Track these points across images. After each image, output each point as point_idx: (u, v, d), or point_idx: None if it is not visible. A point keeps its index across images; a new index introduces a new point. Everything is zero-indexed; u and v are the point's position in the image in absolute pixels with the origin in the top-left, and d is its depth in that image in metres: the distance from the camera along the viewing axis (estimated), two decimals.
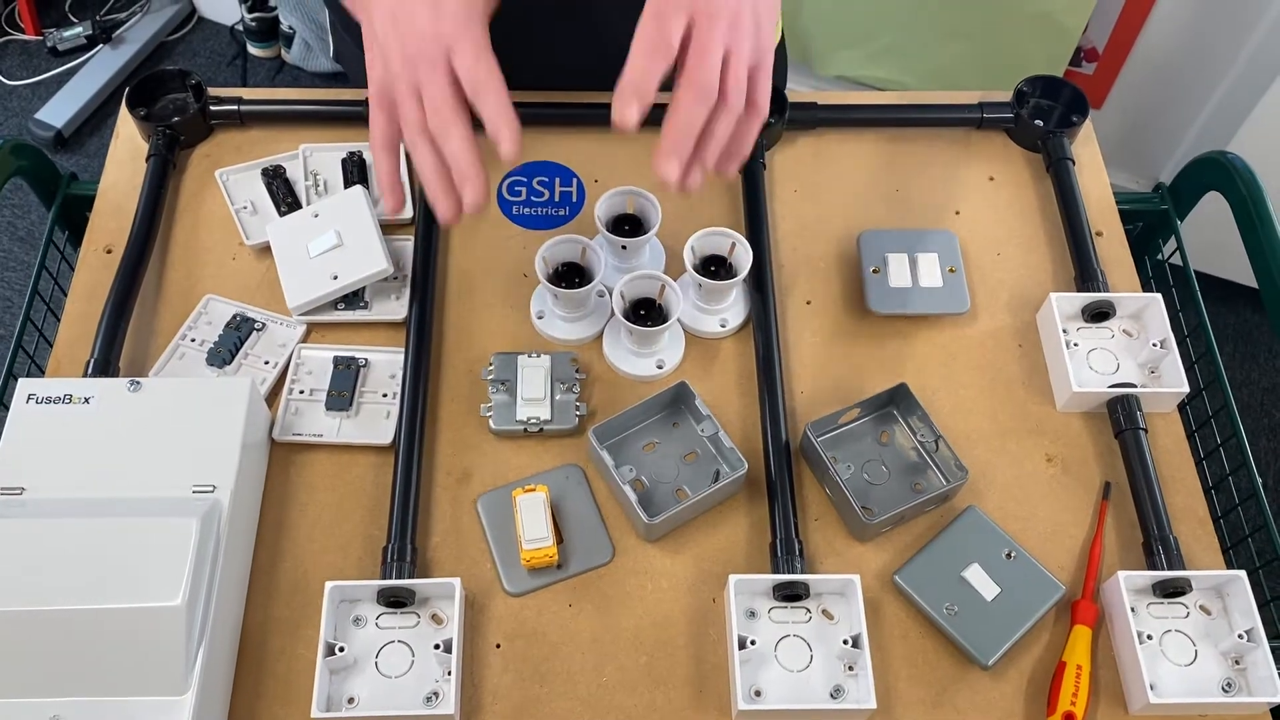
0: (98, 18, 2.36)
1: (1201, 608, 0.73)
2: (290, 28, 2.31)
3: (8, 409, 0.72)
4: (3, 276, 1.99)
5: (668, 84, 0.67)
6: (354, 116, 0.94)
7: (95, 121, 2.25)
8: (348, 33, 1.01)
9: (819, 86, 2.03)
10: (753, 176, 0.90)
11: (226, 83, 2.34)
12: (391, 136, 0.68)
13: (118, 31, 2.35)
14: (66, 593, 0.63)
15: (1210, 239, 1.13)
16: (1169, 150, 1.90)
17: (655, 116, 0.95)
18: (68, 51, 2.33)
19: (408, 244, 0.86)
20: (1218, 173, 0.93)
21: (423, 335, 0.81)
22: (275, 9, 2.30)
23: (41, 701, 0.63)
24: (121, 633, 0.63)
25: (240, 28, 2.35)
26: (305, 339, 0.83)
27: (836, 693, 0.69)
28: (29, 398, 0.72)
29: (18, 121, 2.25)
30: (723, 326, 0.84)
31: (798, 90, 0.95)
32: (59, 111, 2.20)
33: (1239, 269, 1.81)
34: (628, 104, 0.65)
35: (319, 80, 2.34)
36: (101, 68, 2.29)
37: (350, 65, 1.07)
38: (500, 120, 0.64)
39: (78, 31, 2.33)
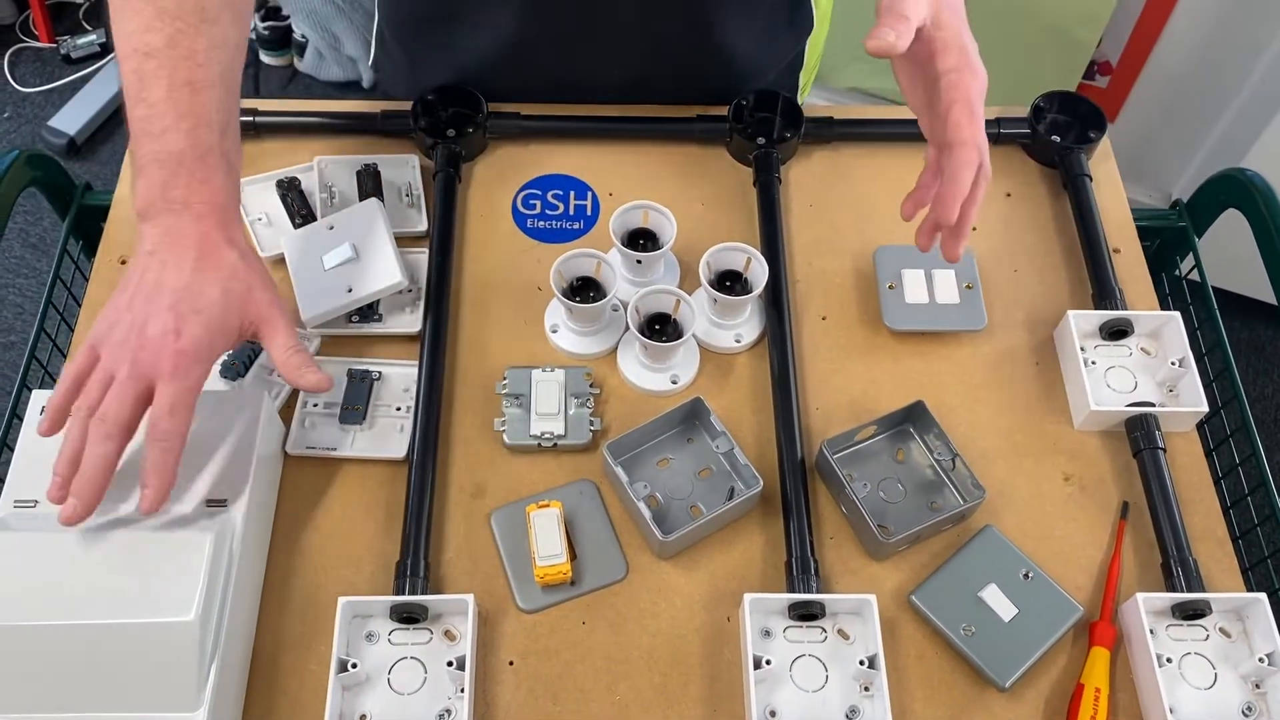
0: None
1: (1221, 630, 0.72)
2: (303, 36, 2.31)
3: (21, 420, 0.72)
4: (14, 283, 1.99)
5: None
6: (369, 129, 0.94)
7: (108, 129, 2.26)
8: (397, 43, 1.00)
9: (832, 99, 2.03)
10: (768, 191, 0.90)
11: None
12: (79, 379, 0.66)
13: None
14: (79, 607, 0.62)
15: (1225, 253, 1.12)
16: (1183, 164, 1.89)
17: (667, 131, 0.96)
18: (81, 59, 2.34)
19: (422, 257, 0.86)
20: (1236, 190, 0.93)
21: (437, 348, 0.81)
22: (288, 18, 2.31)
23: (53, 717, 0.63)
24: (134, 648, 0.63)
25: (253, 36, 2.36)
26: (319, 351, 0.82)
27: (852, 714, 0.68)
28: (43, 410, 0.71)
29: (31, 129, 2.26)
30: (738, 342, 0.84)
31: (813, 104, 0.94)
32: (72, 119, 2.21)
33: (1252, 283, 1.81)
34: (954, 206, 0.70)
35: (331, 89, 2.35)
36: (114, 76, 2.29)
37: (386, 75, 1.08)
38: (156, 476, 0.64)
39: (91, 39, 2.34)
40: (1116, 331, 0.83)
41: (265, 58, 2.38)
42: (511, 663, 0.71)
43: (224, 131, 0.70)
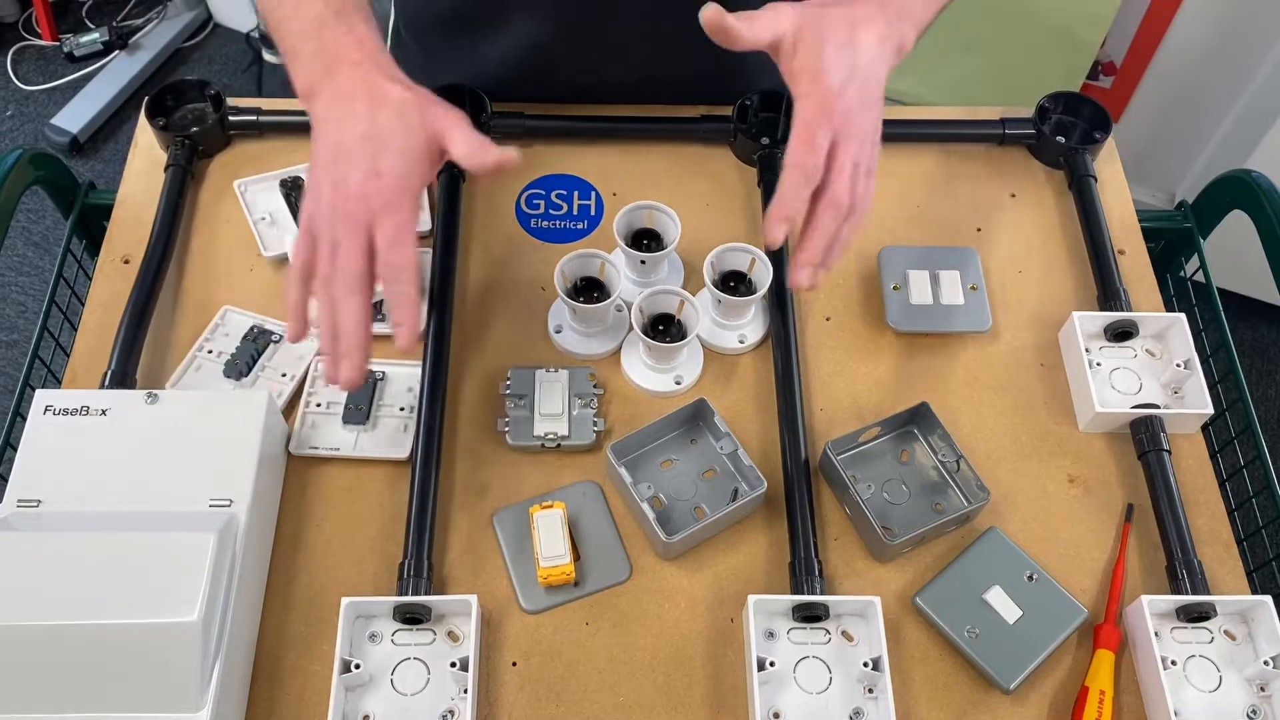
0: (114, 24, 2.37)
1: (1226, 633, 0.72)
2: None
3: (25, 420, 0.72)
4: (16, 281, 1.99)
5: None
6: None
7: (111, 127, 2.26)
8: (415, 43, 1.00)
9: None
10: (772, 191, 0.89)
11: (242, 89, 2.35)
12: (307, 271, 0.69)
13: (134, 38, 2.36)
14: (82, 607, 0.62)
15: (1229, 254, 1.12)
16: (1186, 165, 1.89)
17: (671, 131, 0.96)
18: (84, 57, 2.34)
19: (426, 257, 0.86)
20: (1242, 191, 0.92)
21: (441, 349, 0.81)
22: None
23: (55, 717, 0.62)
24: (137, 648, 0.62)
25: (256, 34, 2.36)
26: (320, 351, 0.82)
27: (856, 715, 0.68)
28: (46, 409, 0.72)
29: (34, 126, 2.26)
30: (741, 342, 0.84)
31: None
32: (75, 117, 2.21)
33: (1257, 284, 1.81)
34: (778, 227, 0.68)
35: None
36: (117, 74, 2.30)
37: (408, 68, 1.07)
38: (402, 312, 0.67)
39: (94, 37, 2.34)
40: (1121, 333, 0.83)
41: (268, 56, 2.38)
42: (515, 663, 0.71)
43: None
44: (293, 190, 0.89)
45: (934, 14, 0.81)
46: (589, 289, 0.83)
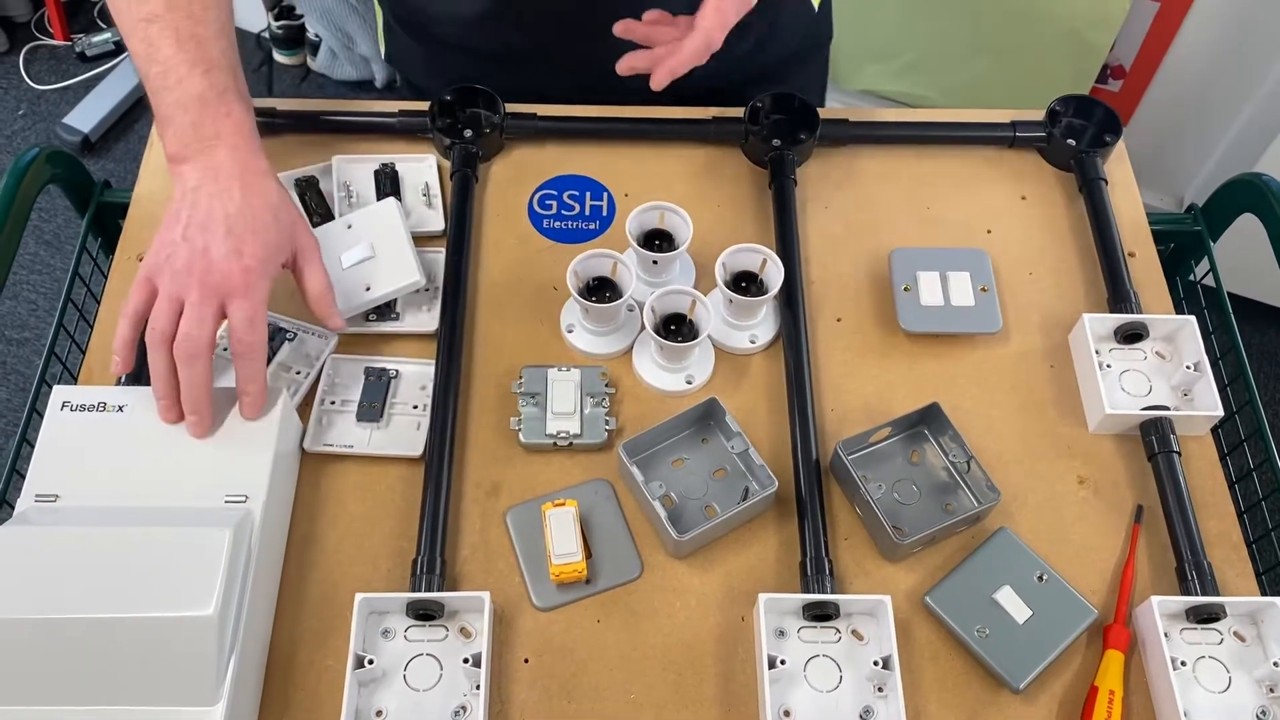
0: None
1: (1235, 634, 0.72)
2: (316, 35, 2.32)
3: (42, 415, 0.73)
4: (28, 280, 2.00)
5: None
6: (387, 129, 0.94)
7: (123, 127, 2.27)
8: (405, 31, 1.01)
9: (844, 101, 2.03)
10: (784, 193, 0.90)
11: (253, 90, 2.35)
12: (141, 314, 0.70)
13: None
14: (99, 601, 0.63)
15: (1237, 258, 1.12)
16: (1195, 169, 1.89)
17: (683, 133, 0.96)
18: (96, 57, 2.35)
19: (439, 256, 0.87)
20: (1252, 195, 0.93)
21: (453, 347, 0.81)
22: (302, 17, 2.32)
23: (72, 709, 0.63)
24: (153, 642, 0.63)
25: (266, 35, 2.36)
26: (337, 350, 0.83)
27: (866, 714, 0.68)
28: (64, 405, 0.72)
29: (46, 126, 2.27)
30: (753, 343, 0.84)
31: (827, 106, 0.95)
32: (87, 116, 2.22)
33: (1266, 288, 1.81)
34: (640, 63, 0.76)
35: (344, 88, 2.36)
36: (129, 74, 2.31)
37: (403, 64, 1.08)
38: (253, 385, 0.70)
39: (106, 37, 2.35)
40: (1131, 335, 0.83)
41: (279, 56, 2.39)
42: (527, 660, 0.71)
43: (235, 74, 0.75)
44: (307, 189, 0.89)
45: None
46: (601, 289, 0.83)
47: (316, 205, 0.89)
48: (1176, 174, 1.92)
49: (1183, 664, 0.70)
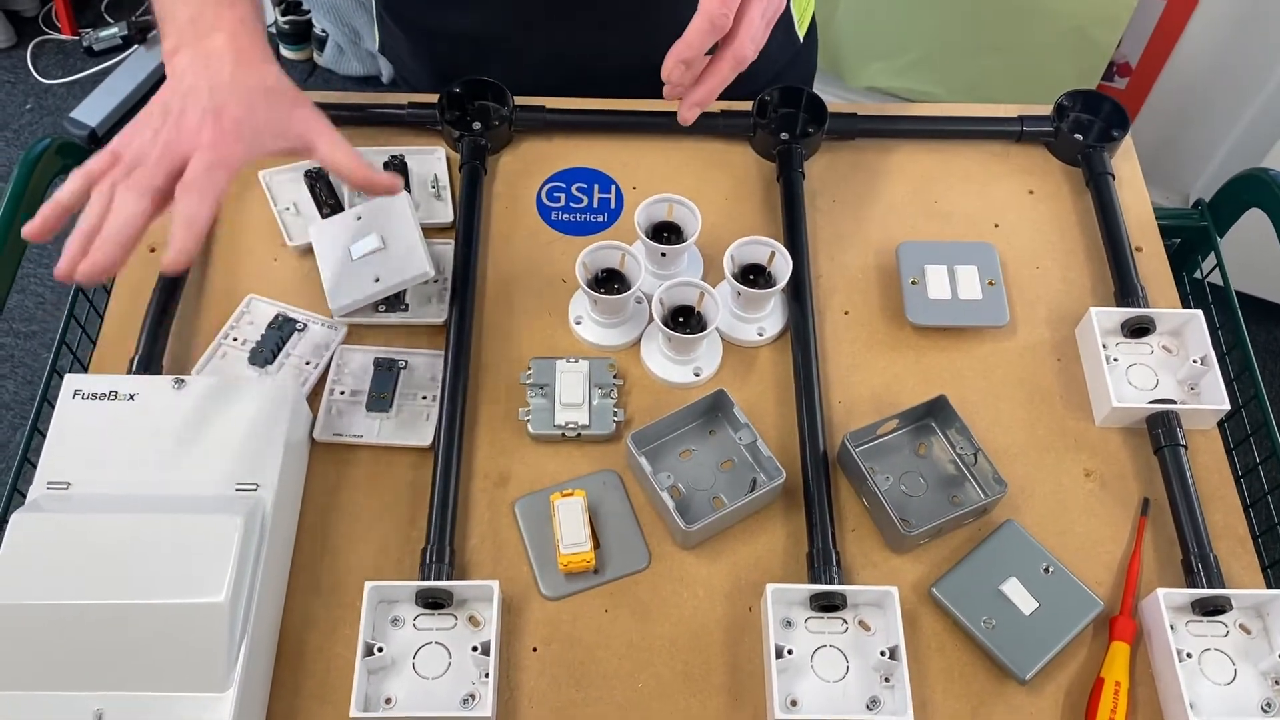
0: (133, 18, 2.39)
1: (1241, 627, 0.72)
2: (323, 31, 2.32)
3: (52, 406, 0.73)
4: (35, 273, 2.01)
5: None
6: (396, 121, 0.95)
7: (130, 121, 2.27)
8: (395, 22, 1.02)
9: (849, 98, 2.03)
10: (792, 186, 0.91)
11: None
12: (93, 176, 0.65)
13: (153, 32, 2.37)
14: (111, 587, 0.63)
15: (1243, 256, 1.12)
16: (1201, 166, 1.89)
17: (690, 126, 0.96)
18: (103, 51, 2.36)
19: (448, 248, 0.87)
20: (1259, 189, 0.93)
21: (462, 338, 0.82)
22: (308, 12, 2.32)
23: (85, 695, 0.63)
24: (165, 628, 0.63)
25: (273, 30, 2.37)
26: (346, 340, 0.83)
27: (873, 704, 0.68)
28: (75, 393, 0.73)
29: (53, 120, 2.27)
30: (760, 335, 0.84)
31: (832, 102, 0.95)
32: (94, 111, 2.23)
33: (1270, 287, 1.81)
34: (676, 67, 0.69)
35: (350, 84, 2.36)
36: (136, 68, 2.31)
37: (394, 56, 1.09)
38: (185, 224, 0.61)
39: (113, 32, 2.35)
40: (1138, 329, 0.83)
41: (285, 51, 2.39)
42: (535, 649, 0.71)
43: None
44: (317, 181, 0.90)
45: None
46: (610, 281, 0.83)
47: (326, 196, 0.89)
48: (1182, 172, 1.92)
49: (1188, 656, 0.70)
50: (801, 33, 1.05)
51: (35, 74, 2.35)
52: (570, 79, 0.97)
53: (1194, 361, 0.81)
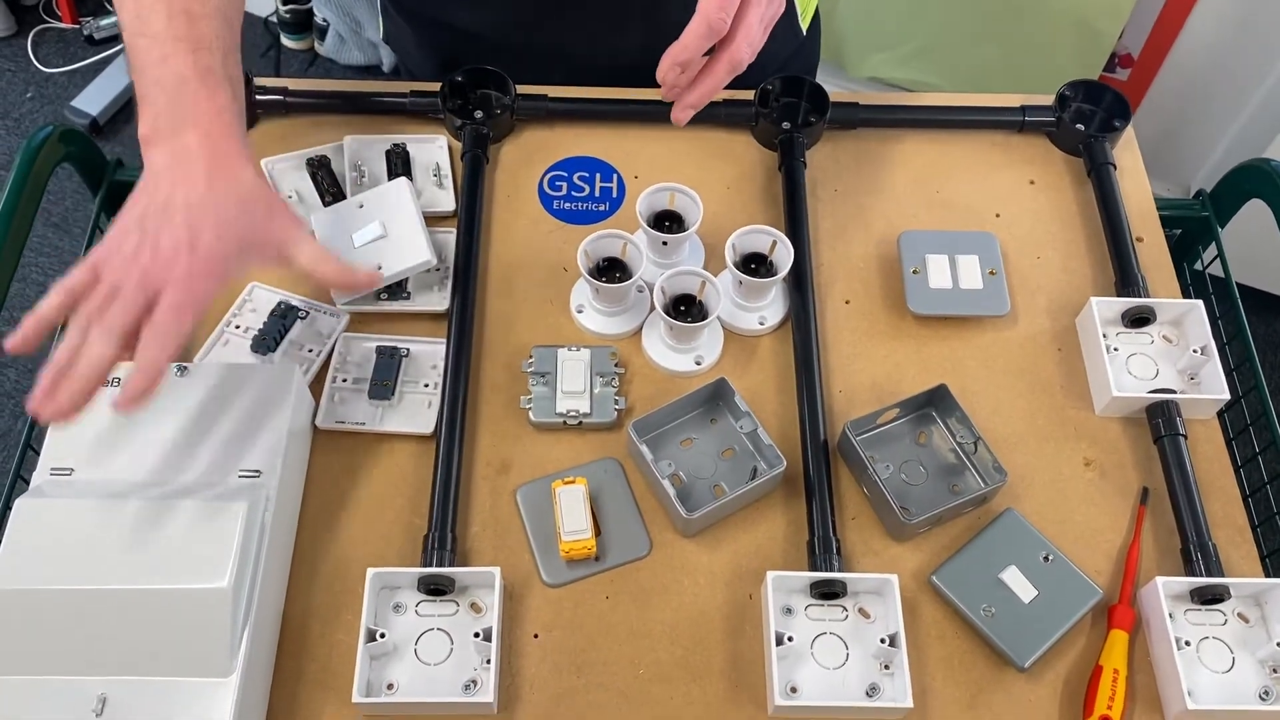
0: None
1: (1239, 615, 0.72)
2: (324, 20, 2.32)
3: None
4: (36, 262, 2.01)
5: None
6: (398, 110, 0.95)
7: (130, 110, 2.27)
8: (399, 13, 1.02)
9: (851, 88, 2.03)
10: (793, 175, 0.91)
11: (260, 74, 2.36)
12: (73, 297, 0.65)
13: None
14: (114, 573, 0.64)
15: (1243, 248, 1.12)
16: (1202, 158, 1.89)
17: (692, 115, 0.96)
18: (104, 40, 2.35)
19: (451, 236, 0.87)
20: (1260, 180, 0.93)
21: (464, 327, 0.82)
22: (310, 1, 2.32)
23: (89, 680, 0.64)
24: (168, 614, 0.64)
25: (274, 19, 2.36)
26: (348, 328, 0.83)
27: (872, 691, 0.69)
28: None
29: (54, 109, 2.27)
30: (761, 324, 0.85)
31: (834, 92, 0.95)
32: (94, 99, 2.22)
33: (1271, 279, 1.81)
34: (672, 69, 0.70)
35: (351, 73, 2.36)
36: None
37: (399, 46, 1.09)
38: (143, 371, 0.62)
39: (114, 20, 2.34)
40: (1139, 319, 0.83)
41: (286, 41, 2.39)
42: (536, 635, 0.72)
43: (225, 57, 0.70)
44: (319, 169, 0.90)
45: None
46: (611, 269, 0.84)
47: (328, 185, 0.89)
48: (1184, 163, 1.92)
49: (1187, 644, 0.71)
50: (805, 25, 1.05)
51: (36, 62, 2.34)
52: (574, 74, 0.97)
53: (1194, 351, 0.81)
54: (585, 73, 0.97)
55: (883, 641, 0.69)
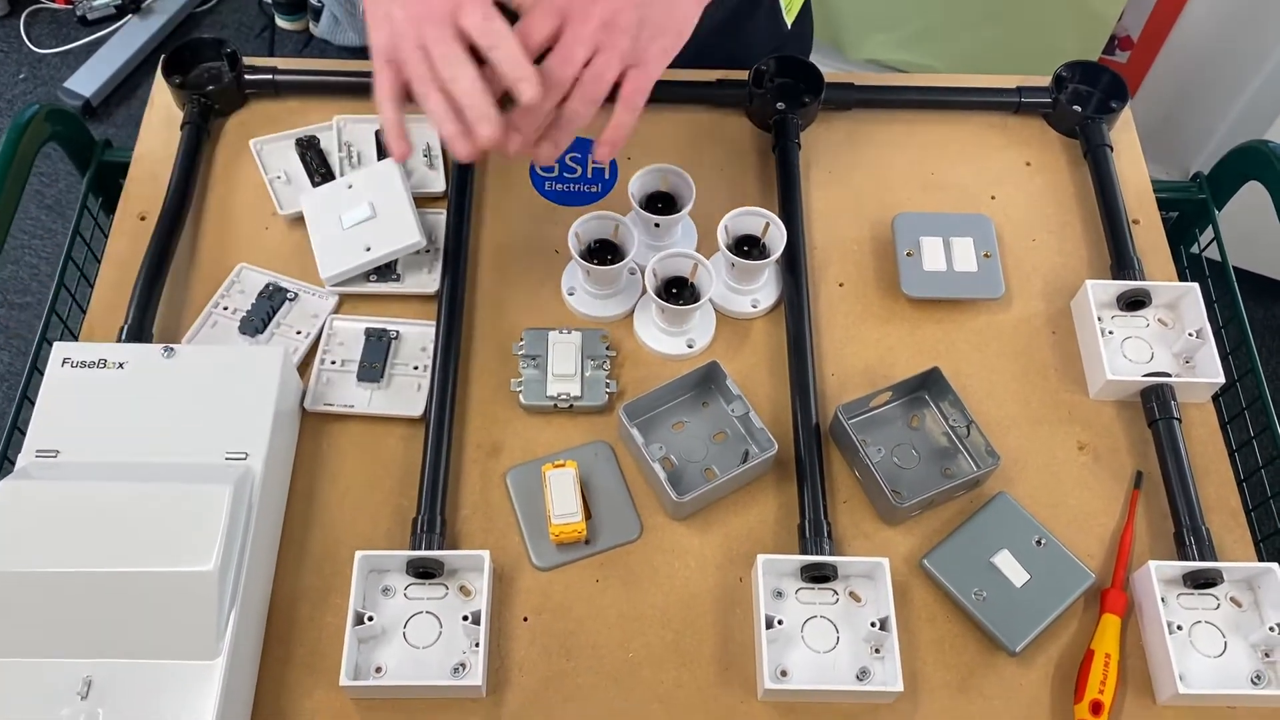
0: None
1: (1232, 600, 0.72)
2: (319, 1, 2.30)
3: (42, 374, 0.73)
4: (30, 244, 2.00)
5: None
6: None
7: (124, 91, 2.26)
8: None
9: (849, 70, 2.02)
10: (787, 156, 0.90)
11: (254, 55, 2.34)
12: (398, 90, 0.68)
13: (147, 2, 2.35)
14: (100, 555, 0.63)
15: (1241, 232, 1.11)
16: (1202, 142, 1.87)
17: (686, 95, 0.95)
18: (97, 21, 2.33)
19: (440, 217, 0.86)
20: (1258, 162, 0.92)
21: (454, 309, 0.81)
22: None
23: (75, 663, 0.63)
24: (154, 597, 0.63)
25: (269, 1, 2.35)
26: (337, 310, 0.83)
27: (863, 674, 0.68)
28: (64, 361, 0.72)
29: (47, 90, 2.26)
30: (754, 307, 0.84)
31: (830, 73, 0.94)
32: (88, 81, 2.21)
33: (1268, 262, 1.81)
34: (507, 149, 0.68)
35: (346, 54, 2.32)
36: (131, 38, 2.29)
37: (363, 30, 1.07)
38: (518, 70, 0.65)
39: (107, 1, 2.33)
40: (1134, 302, 0.83)
41: (281, 22, 2.37)
42: (526, 619, 0.71)
43: None
44: (308, 149, 0.89)
45: None
46: (603, 251, 0.83)
47: (318, 165, 0.88)
48: (1183, 147, 1.91)
49: (1179, 628, 0.70)
50: (790, 19, 1.04)
51: (29, 43, 2.33)
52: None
53: (1189, 335, 0.81)
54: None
55: (873, 625, 0.69)
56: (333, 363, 0.80)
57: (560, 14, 0.66)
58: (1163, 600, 0.70)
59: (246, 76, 0.93)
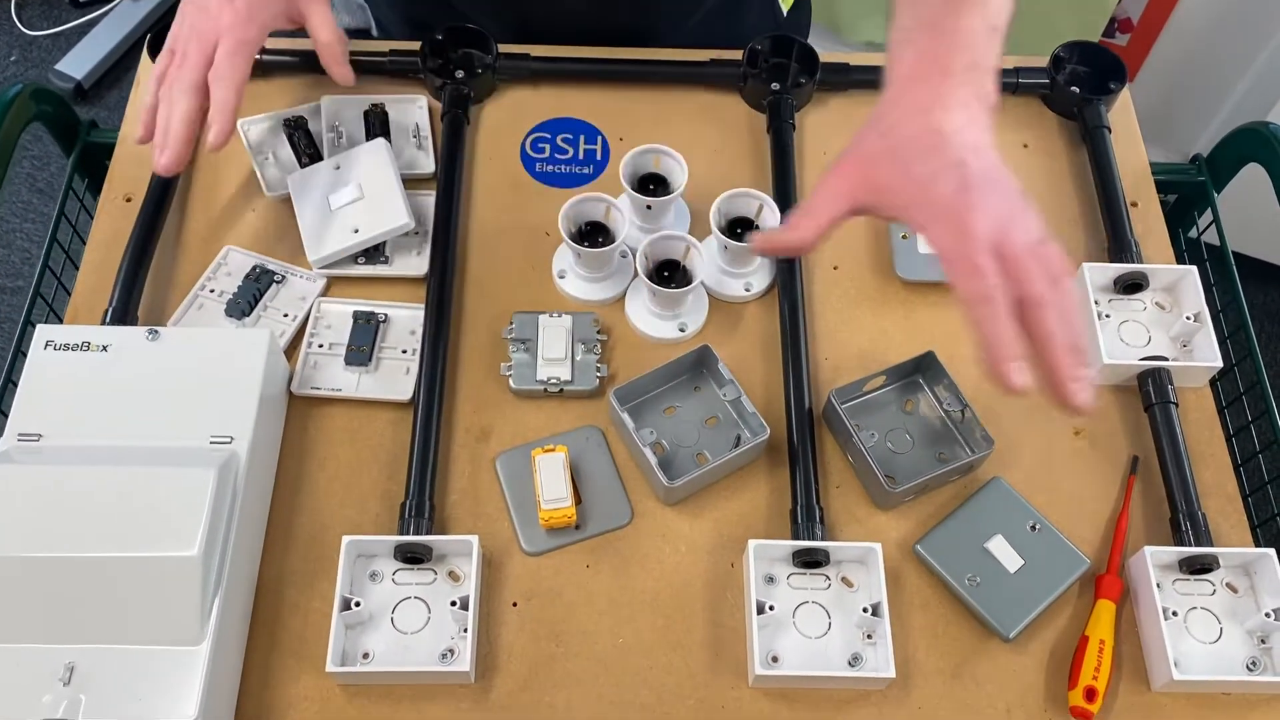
0: None
1: (1228, 585, 0.71)
2: None
3: (26, 356, 0.72)
4: (20, 228, 1.99)
5: None
6: (377, 69, 0.93)
7: (116, 74, 2.24)
8: None
9: (847, 52, 2.00)
10: (782, 137, 0.89)
11: None
12: (161, 79, 0.78)
13: None
14: (83, 540, 0.62)
15: (1239, 216, 1.10)
16: (1202, 125, 1.86)
17: (679, 75, 0.94)
18: (89, 3, 2.31)
19: (429, 199, 0.85)
20: (1258, 144, 0.91)
21: (444, 292, 0.80)
22: None
23: (57, 648, 0.63)
24: (137, 581, 0.62)
25: None
26: (325, 292, 0.82)
27: (855, 660, 0.68)
28: (47, 344, 0.71)
29: (38, 72, 2.24)
30: (747, 290, 0.83)
31: (827, 54, 0.93)
32: (79, 63, 2.19)
33: (1267, 247, 1.80)
34: (1013, 374, 0.58)
35: None
36: (122, 20, 2.27)
37: (377, 4, 1.07)
38: (217, 111, 0.75)
39: None
40: (1131, 285, 0.82)
41: None
42: (515, 604, 0.71)
43: None
44: (296, 130, 0.88)
45: (1000, 43, 0.70)
46: (594, 234, 0.82)
47: (305, 146, 0.87)
48: (1183, 130, 1.89)
49: (1174, 614, 0.70)
50: (786, 6, 1.03)
51: (20, 25, 2.31)
52: (534, 35, 0.95)
53: (1187, 318, 0.80)
54: (580, 34, 0.95)
55: (865, 611, 0.68)
56: (320, 346, 0.79)
57: (980, 238, 0.58)
58: (1158, 586, 0.70)
59: None
